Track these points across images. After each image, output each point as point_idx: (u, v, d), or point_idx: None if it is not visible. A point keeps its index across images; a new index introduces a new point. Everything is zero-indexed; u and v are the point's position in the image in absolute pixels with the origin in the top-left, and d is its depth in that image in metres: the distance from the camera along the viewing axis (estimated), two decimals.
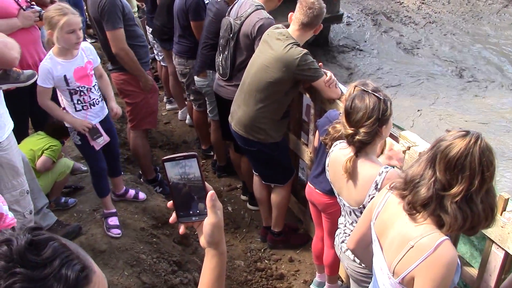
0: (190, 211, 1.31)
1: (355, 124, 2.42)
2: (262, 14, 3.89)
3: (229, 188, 5.15)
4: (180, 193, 1.30)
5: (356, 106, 2.41)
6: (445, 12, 10.95)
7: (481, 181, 1.76)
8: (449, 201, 1.77)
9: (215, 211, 1.29)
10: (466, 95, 7.99)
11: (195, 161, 1.28)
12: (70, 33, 3.20)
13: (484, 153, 1.75)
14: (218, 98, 4.45)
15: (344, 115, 2.47)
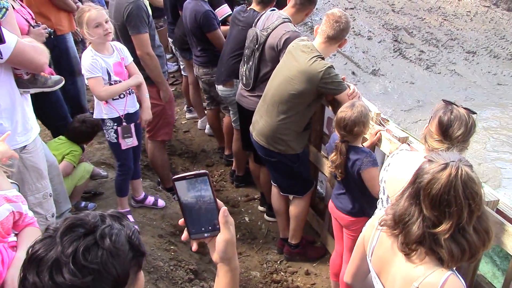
0: (202, 228, 1.33)
1: (453, 139, 2.31)
2: (289, 27, 3.90)
3: (246, 198, 5.14)
4: (192, 210, 1.32)
5: (456, 121, 2.31)
6: (467, 29, 10.88)
7: (469, 213, 1.70)
8: (442, 237, 1.71)
9: (228, 227, 1.31)
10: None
11: (206, 179, 1.30)
12: (97, 27, 3.38)
13: (467, 184, 1.68)
14: (239, 108, 4.47)
15: (439, 129, 2.33)
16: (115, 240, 1.12)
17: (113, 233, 1.13)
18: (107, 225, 1.14)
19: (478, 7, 11.66)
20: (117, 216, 1.20)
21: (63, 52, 4.74)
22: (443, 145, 2.30)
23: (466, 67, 9.51)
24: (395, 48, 10.14)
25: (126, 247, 1.14)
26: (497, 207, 2.53)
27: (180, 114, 6.73)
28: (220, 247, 1.31)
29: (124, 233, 1.16)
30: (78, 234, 1.10)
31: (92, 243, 1.09)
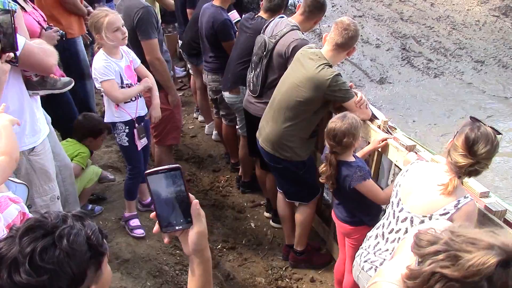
0: (174, 221, 1.34)
1: (478, 155, 2.35)
2: (297, 35, 3.92)
3: (252, 204, 5.14)
4: (164, 204, 1.34)
5: (482, 138, 2.34)
6: (476, 38, 10.85)
7: None
8: None
9: (200, 219, 1.35)
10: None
11: (178, 173, 1.32)
12: (116, 31, 3.42)
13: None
14: (247, 114, 4.48)
15: (466, 144, 2.36)
16: (72, 240, 1.17)
17: (71, 233, 1.18)
18: (67, 225, 1.20)
19: (487, 17, 11.63)
20: (79, 216, 1.26)
21: (73, 55, 4.78)
22: (467, 160, 2.35)
23: (474, 76, 9.48)
24: (403, 56, 10.13)
25: (84, 247, 1.19)
26: (504, 217, 2.53)
27: (187, 119, 6.75)
28: (192, 238, 1.33)
29: (83, 233, 1.21)
30: (37, 235, 1.16)
31: (50, 244, 1.15)
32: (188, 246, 1.35)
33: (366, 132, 3.49)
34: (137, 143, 3.72)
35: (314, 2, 4.09)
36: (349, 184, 3.08)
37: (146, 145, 3.86)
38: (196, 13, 5.54)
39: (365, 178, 3.07)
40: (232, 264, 4.28)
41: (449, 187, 2.41)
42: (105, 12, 3.43)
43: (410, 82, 9.27)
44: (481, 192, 2.65)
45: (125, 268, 3.42)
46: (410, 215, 2.55)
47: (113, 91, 3.49)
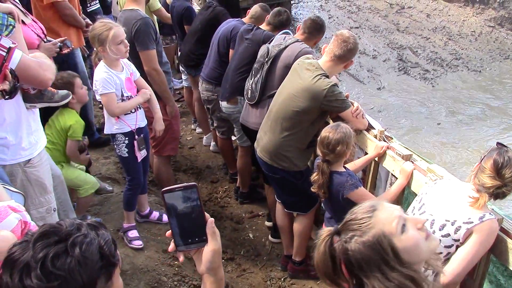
0: (189, 239, 1.34)
1: (506, 178, 2.45)
2: (304, 45, 4.03)
3: (251, 215, 5.14)
4: (180, 222, 1.34)
5: (510, 163, 2.47)
6: (472, 49, 10.93)
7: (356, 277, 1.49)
8: None
9: (215, 238, 1.35)
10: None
11: (195, 191, 1.33)
12: (120, 44, 3.44)
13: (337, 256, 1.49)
14: (244, 129, 4.50)
15: (494, 167, 2.47)
16: (85, 249, 1.18)
17: (84, 241, 1.19)
18: (81, 233, 1.20)
19: (482, 27, 11.73)
20: (94, 225, 1.26)
21: (71, 67, 4.79)
22: (495, 182, 2.44)
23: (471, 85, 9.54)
24: (400, 67, 10.21)
25: (96, 257, 1.19)
26: (501, 226, 2.53)
27: (185, 131, 6.77)
28: (207, 257, 1.33)
29: (96, 243, 1.21)
30: (51, 241, 1.16)
31: (62, 251, 1.15)
32: (202, 264, 1.35)
33: (363, 142, 3.51)
34: (137, 154, 3.74)
35: (314, 24, 4.18)
36: (342, 194, 3.09)
37: (145, 156, 3.87)
38: (194, 26, 5.60)
39: (357, 186, 3.09)
40: (231, 275, 4.27)
41: (480, 200, 2.47)
42: (110, 25, 3.45)
43: (407, 92, 9.32)
44: None
45: (124, 279, 3.38)
46: (432, 217, 2.56)
47: (111, 105, 3.51)
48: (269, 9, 5.04)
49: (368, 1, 13.55)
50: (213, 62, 5.08)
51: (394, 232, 1.43)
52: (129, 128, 3.64)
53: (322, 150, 3.12)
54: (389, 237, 1.42)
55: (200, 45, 5.48)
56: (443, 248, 2.48)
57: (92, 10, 5.89)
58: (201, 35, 5.46)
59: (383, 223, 1.44)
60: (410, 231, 1.45)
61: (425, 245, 1.48)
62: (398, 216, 1.46)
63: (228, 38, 4.89)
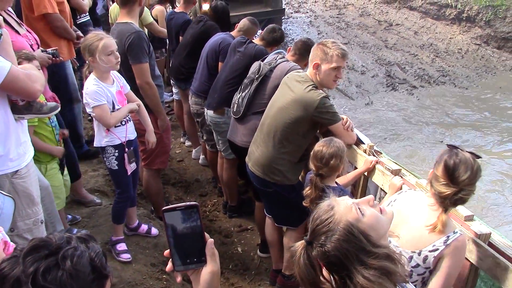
0: (187, 260, 1.32)
1: (460, 183, 2.30)
2: (293, 63, 4.06)
3: (239, 229, 5.13)
4: (179, 242, 1.32)
5: (461, 165, 2.31)
6: (458, 66, 11.08)
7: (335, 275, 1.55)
8: None
9: (214, 259, 1.33)
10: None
11: (196, 211, 1.31)
12: (109, 55, 3.43)
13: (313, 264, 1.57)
14: (232, 146, 4.50)
15: (446, 173, 2.33)
16: (76, 261, 1.17)
17: (75, 254, 1.18)
18: (71, 246, 1.19)
19: (469, 45, 11.91)
20: (84, 238, 1.25)
21: (62, 79, 4.79)
22: (450, 189, 2.31)
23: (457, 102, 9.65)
24: (388, 82, 10.31)
25: (87, 269, 1.18)
26: (489, 240, 2.56)
27: (174, 144, 6.76)
28: (205, 278, 1.32)
29: (87, 255, 1.20)
30: (41, 255, 1.15)
31: (53, 264, 1.14)
32: (199, 286, 1.33)
33: (352, 156, 3.53)
34: (127, 167, 3.72)
35: (304, 45, 4.23)
36: None
37: (135, 169, 3.85)
38: (185, 40, 5.63)
39: None
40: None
41: (438, 226, 2.37)
42: (101, 35, 3.46)
43: (395, 108, 9.41)
44: (466, 215, 2.69)
45: None
46: (399, 249, 2.49)
47: (105, 117, 3.50)
48: (257, 23, 5.09)
49: (357, 17, 13.72)
50: (202, 75, 5.10)
51: (356, 216, 1.52)
52: (119, 140, 3.63)
53: (315, 164, 3.12)
54: (356, 224, 1.51)
55: (190, 59, 5.50)
56: (416, 276, 2.45)
57: (82, 22, 5.91)
58: (192, 49, 5.49)
59: (345, 213, 1.53)
60: (367, 210, 1.56)
61: (383, 218, 1.60)
62: (353, 203, 1.56)
63: (217, 51, 4.92)
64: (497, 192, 6.92)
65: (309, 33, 12.24)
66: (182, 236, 1.32)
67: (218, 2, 5.66)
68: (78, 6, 5.71)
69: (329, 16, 13.79)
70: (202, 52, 5.14)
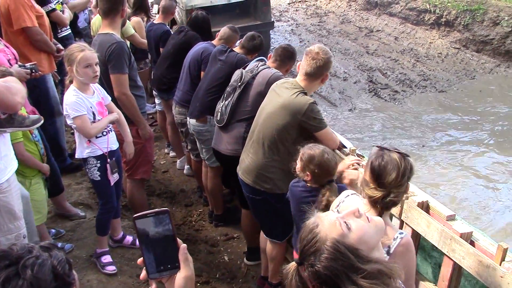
0: (161, 266, 1.32)
1: (388, 185, 2.21)
2: (274, 70, 4.09)
3: (226, 237, 5.11)
4: (152, 249, 1.31)
5: (387, 166, 2.21)
6: (439, 70, 11.22)
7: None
8: None
9: (188, 264, 1.33)
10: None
11: (167, 216, 1.31)
12: (87, 67, 3.44)
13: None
14: (216, 154, 4.50)
15: (372, 176, 2.24)
16: (37, 270, 1.17)
17: (36, 263, 1.18)
18: (33, 255, 1.19)
19: (449, 49, 12.06)
20: (47, 246, 1.25)
21: (43, 92, 4.77)
22: (378, 193, 2.22)
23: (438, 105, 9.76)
24: (370, 88, 10.39)
25: (49, 277, 1.18)
26: (471, 239, 2.59)
27: (159, 155, 6.74)
28: (179, 283, 1.31)
29: (49, 263, 1.20)
30: (1, 265, 1.15)
31: (13, 274, 1.14)
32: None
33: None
34: (110, 178, 3.71)
35: (285, 52, 4.26)
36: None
37: (118, 180, 3.84)
38: (167, 50, 5.64)
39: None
40: None
41: None
42: (83, 47, 3.47)
43: (378, 113, 9.49)
44: (447, 215, 2.72)
45: None
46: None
47: (85, 127, 3.49)
48: (237, 30, 5.11)
49: (338, 25, 13.84)
50: (185, 85, 5.10)
51: (342, 232, 1.49)
52: (101, 151, 3.62)
53: (311, 169, 3.05)
54: (341, 240, 1.47)
55: (172, 69, 5.51)
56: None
57: (63, 35, 5.89)
58: (173, 59, 5.49)
59: (330, 230, 1.49)
60: (353, 223, 1.52)
61: (372, 227, 1.55)
62: (337, 218, 1.52)
63: (199, 60, 4.93)
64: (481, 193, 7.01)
65: (291, 41, 12.31)
66: (155, 243, 1.31)
67: (198, 12, 5.69)
68: (59, 19, 5.70)
69: (311, 24, 13.89)
70: (185, 62, 5.15)
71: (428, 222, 2.76)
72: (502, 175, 7.40)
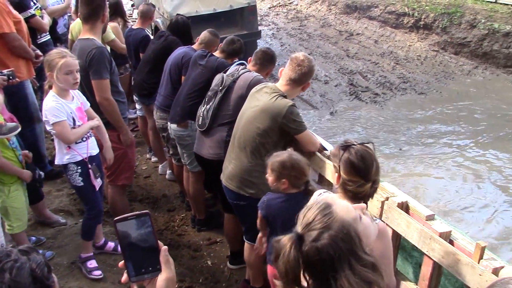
0: (142, 269, 1.32)
1: (372, 176, 2.29)
2: (255, 73, 4.10)
3: (209, 242, 5.10)
4: (133, 252, 1.31)
5: (366, 159, 2.28)
6: (418, 72, 11.36)
7: (323, 275, 1.53)
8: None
9: (169, 266, 1.33)
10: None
11: (148, 219, 1.31)
12: (68, 74, 3.42)
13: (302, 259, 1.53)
14: (199, 159, 4.49)
15: (356, 172, 2.27)
16: (16, 273, 1.16)
17: (14, 266, 1.17)
18: (11, 259, 1.19)
19: (427, 52, 12.23)
20: (25, 250, 1.25)
21: (22, 98, 4.73)
22: (366, 185, 2.27)
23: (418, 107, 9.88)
24: (351, 91, 10.49)
25: (27, 280, 1.18)
26: (450, 238, 2.63)
27: (140, 160, 6.71)
28: (161, 285, 1.31)
29: (28, 266, 1.20)
30: None
31: None
32: None
33: (316, 163, 3.58)
34: (94, 183, 3.70)
35: (264, 55, 4.27)
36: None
37: (100, 185, 3.83)
38: (147, 55, 5.63)
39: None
40: None
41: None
42: (64, 53, 3.46)
43: (359, 115, 9.57)
44: (427, 215, 2.76)
45: None
46: None
47: (65, 133, 3.47)
48: (218, 34, 5.12)
49: (319, 28, 13.95)
50: (166, 90, 5.09)
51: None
52: (81, 157, 3.60)
53: (287, 174, 3.08)
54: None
55: (153, 74, 5.49)
56: None
57: (43, 41, 5.84)
58: (154, 64, 5.48)
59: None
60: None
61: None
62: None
63: (179, 65, 4.93)
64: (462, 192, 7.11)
65: (272, 45, 12.36)
66: (136, 246, 1.31)
67: (178, 17, 5.69)
68: (38, 25, 5.65)
69: (291, 28, 13.98)
70: (165, 67, 5.14)
71: (408, 222, 2.79)
72: (481, 174, 7.52)
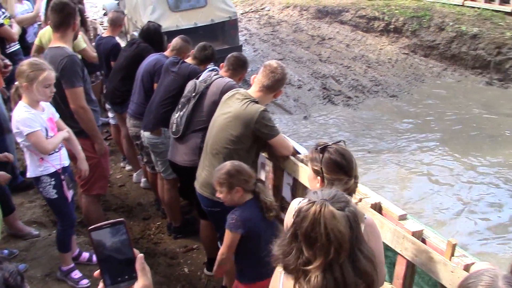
0: (118, 278, 1.31)
1: (354, 171, 2.42)
2: (228, 79, 4.10)
3: (185, 249, 5.07)
4: (108, 260, 1.31)
5: (346, 156, 2.41)
6: (390, 75, 11.53)
7: (335, 250, 1.72)
8: (312, 274, 1.74)
9: (145, 274, 1.33)
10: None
11: (123, 227, 1.31)
12: (47, 88, 3.42)
13: (328, 222, 1.72)
14: (173, 166, 4.47)
15: (339, 170, 2.39)
16: None
17: None
18: None
19: (398, 55, 12.42)
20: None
21: None
22: (350, 182, 2.39)
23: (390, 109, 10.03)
24: (324, 95, 10.58)
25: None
26: (422, 237, 2.67)
27: (114, 169, 6.64)
28: None
29: (0, 276, 1.22)
30: None
31: None
32: None
33: (290, 167, 3.60)
34: (67, 194, 3.65)
35: (237, 60, 4.30)
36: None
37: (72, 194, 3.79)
38: (119, 63, 5.58)
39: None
40: None
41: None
42: (44, 66, 3.43)
43: (332, 119, 9.66)
44: (399, 215, 2.80)
45: None
46: None
47: (41, 142, 3.42)
48: (189, 41, 5.11)
49: (291, 33, 14.03)
50: (138, 97, 5.06)
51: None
52: (54, 168, 3.55)
53: (238, 182, 3.16)
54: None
55: (125, 82, 5.45)
56: None
57: (12, 51, 5.76)
58: (126, 72, 5.44)
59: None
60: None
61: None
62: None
63: (152, 72, 4.91)
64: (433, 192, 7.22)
65: (245, 51, 12.38)
66: (111, 254, 1.30)
67: (150, 24, 5.67)
68: (8, 35, 5.56)
69: (264, 34, 14.04)
70: (137, 74, 5.11)
71: (381, 223, 2.83)
72: (451, 174, 7.66)
